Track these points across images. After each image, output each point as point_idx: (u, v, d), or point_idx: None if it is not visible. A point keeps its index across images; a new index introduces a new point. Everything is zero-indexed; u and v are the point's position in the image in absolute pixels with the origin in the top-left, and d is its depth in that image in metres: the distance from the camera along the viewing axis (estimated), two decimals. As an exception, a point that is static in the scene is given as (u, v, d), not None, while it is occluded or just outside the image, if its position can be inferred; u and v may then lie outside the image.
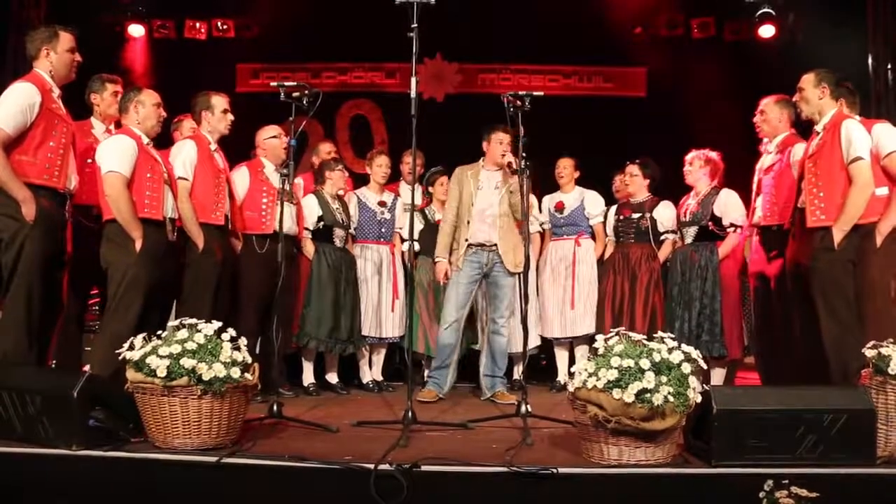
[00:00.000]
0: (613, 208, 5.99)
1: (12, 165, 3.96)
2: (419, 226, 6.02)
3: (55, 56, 4.22)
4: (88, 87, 4.79)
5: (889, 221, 4.06)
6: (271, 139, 5.34)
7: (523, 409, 4.01)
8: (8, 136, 3.95)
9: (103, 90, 4.80)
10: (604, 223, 6.02)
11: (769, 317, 4.81)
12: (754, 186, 4.99)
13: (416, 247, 6.00)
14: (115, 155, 4.18)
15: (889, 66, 7.40)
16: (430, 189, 6.15)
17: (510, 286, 5.31)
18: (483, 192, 5.29)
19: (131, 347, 3.34)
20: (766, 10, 7.95)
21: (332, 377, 5.75)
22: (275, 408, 4.02)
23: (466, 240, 5.25)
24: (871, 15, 7.51)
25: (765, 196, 4.81)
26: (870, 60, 7.50)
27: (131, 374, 3.29)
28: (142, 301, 4.12)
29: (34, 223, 3.97)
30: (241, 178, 5.21)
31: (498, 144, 5.26)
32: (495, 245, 5.26)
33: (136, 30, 8.24)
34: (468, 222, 5.25)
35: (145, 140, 4.35)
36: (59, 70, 4.25)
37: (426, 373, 5.96)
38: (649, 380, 3.04)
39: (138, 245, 4.13)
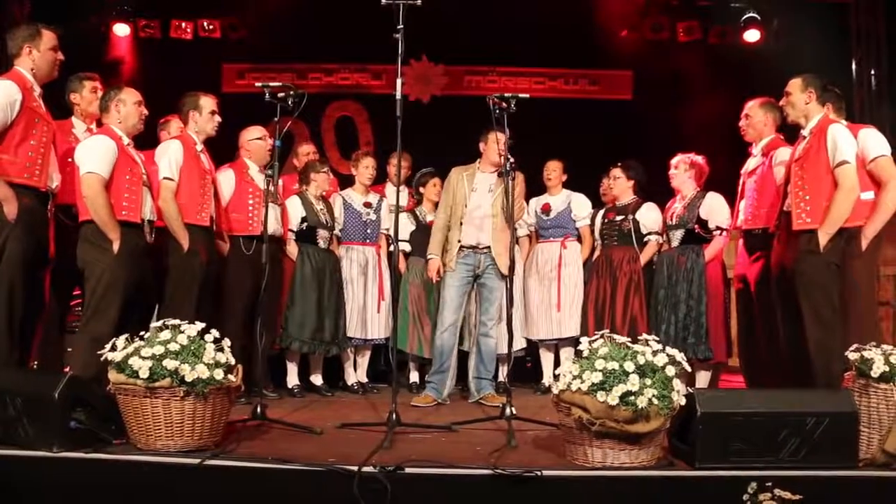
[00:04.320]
0: (601, 212, 6.01)
1: (-7, 164, 3.93)
2: (410, 227, 6.02)
3: (37, 54, 4.18)
4: (67, 87, 4.75)
5: (874, 225, 4.08)
6: (256, 140, 5.31)
7: (508, 411, 4.00)
8: (-12, 134, 3.92)
9: (82, 88, 4.76)
10: (591, 225, 6.03)
11: (751, 320, 4.84)
12: (738, 190, 5.01)
13: (407, 248, 6.00)
14: (94, 155, 4.14)
15: (872, 71, 7.45)
16: (422, 190, 6.13)
17: (500, 288, 5.31)
18: (477, 194, 5.28)
19: (113, 348, 3.31)
20: (751, 14, 8.00)
21: (317, 379, 5.73)
22: (258, 409, 4.00)
23: (459, 241, 5.23)
24: (854, 19, 7.57)
25: (748, 200, 4.83)
26: (853, 65, 7.55)
27: (113, 376, 3.27)
28: (120, 302, 4.09)
29: (15, 222, 3.93)
30: (226, 179, 5.18)
31: (495, 144, 5.26)
32: (488, 247, 5.26)
33: (122, 29, 8.18)
34: (461, 224, 5.24)
35: (126, 140, 4.31)
36: (42, 68, 4.20)
37: (412, 375, 5.96)
38: (633, 382, 3.04)
39: (116, 246, 4.10)
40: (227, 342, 3.40)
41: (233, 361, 3.39)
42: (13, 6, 7.40)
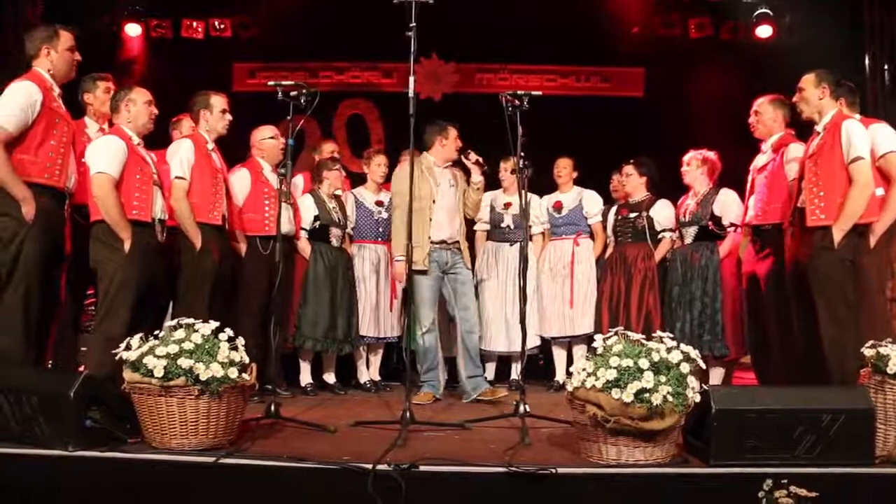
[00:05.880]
0: (614, 208, 6.00)
1: (13, 164, 3.95)
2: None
3: (55, 55, 4.21)
4: (81, 88, 4.78)
5: (883, 222, 4.06)
6: (268, 140, 5.33)
7: (522, 408, 4.00)
8: (9, 134, 3.94)
9: (95, 88, 4.79)
10: (602, 222, 6.02)
11: (760, 316, 4.82)
12: (748, 186, 4.99)
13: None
14: (103, 156, 4.17)
15: (886, 67, 7.38)
16: None
17: (471, 282, 5.40)
18: (442, 189, 5.28)
19: (128, 347, 3.32)
20: (763, 10, 7.97)
21: (330, 377, 5.75)
22: (272, 408, 4.00)
23: (429, 238, 5.19)
24: (867, 14, 7.50)
25: (757, 196, 4.81)
26: (867, 60, 7.49)
27: (128, 375, 3.28)
28: (133, 301, 4.11)
29: (33, 222, 3.96)
30: (242, 180, 5.20)
31: (455, 141, 5.31)
32: (457, 241, 5.29)
33: (133, 29, 8.22)
34: (430, 219, 5.20)
35: (136, 140, 4.33)
36: (60, 69, 4.24)
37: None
38: (648, 380, 3.04)
39: (127, 246, 4.12)
40: (241, 341, 3.41)
41: (247, 360, 3.40)
42: (26, 7, 7.42)
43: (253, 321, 4.96)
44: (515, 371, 5.95)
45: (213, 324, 3.40)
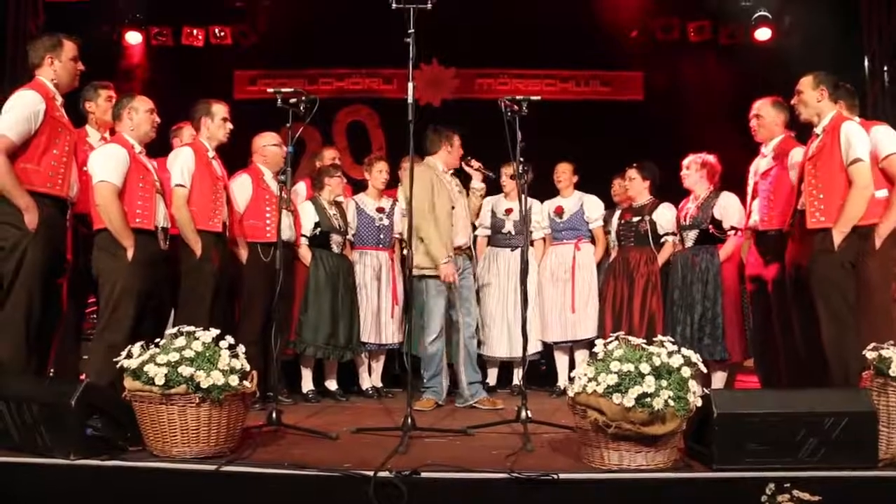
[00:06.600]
0: (617, 212, 5.99)
1: (17, 173, 3.96)
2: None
3: (59, 64, 4.22)
4: (82, 96, 4.78)
5: (888, 224, 4.05)
6: (272, 146, 5.33)
7: (523, 414, 3.99)
8: (13, 143, 3.95)
9: (97, 97, 4.79)
10: (605, 227, 6.03)
11: (766, 320, 4.81)
12: (749, 190, 4.98)
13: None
14: (106, 164, 4.18)
15: (885, 68, 7.38)
16: None
17: (474, 287, 5.45)
18: (454, 195, 5.30)
19: (129, 356, 3.32)
20: (761, 13, 7.98)
21: (332, 384, 5.74)
22: (274, 415, 4.01)
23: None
24: (866, 16, 7.51)
25: (762, 200, 4.80)
26: (866, 62, 7.49)
27: (129, 383, 3.28)
28: (135, 310, 4.12)
29: (35, 231, 3.96)
30: (243, 186, 5.20)
31: (459, 148, 5.36)
32: (470, 247, 5.33)
33: (134, 37, 8.26)
34: (451, 225, 5.21)
35: (138, 148, 4.34)
36: (63, 78, 4.25)
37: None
38: (649, 384, 3.03)
39: (130, 254, 4.12)
40: (241, 348, 3.41)
41: (248, 367, 3.40)
42: (28, 17, 7.45)
43: (254, 328, 4.97)
44: (517, 377, 5.94)
45: (214, 331, 3.39)
